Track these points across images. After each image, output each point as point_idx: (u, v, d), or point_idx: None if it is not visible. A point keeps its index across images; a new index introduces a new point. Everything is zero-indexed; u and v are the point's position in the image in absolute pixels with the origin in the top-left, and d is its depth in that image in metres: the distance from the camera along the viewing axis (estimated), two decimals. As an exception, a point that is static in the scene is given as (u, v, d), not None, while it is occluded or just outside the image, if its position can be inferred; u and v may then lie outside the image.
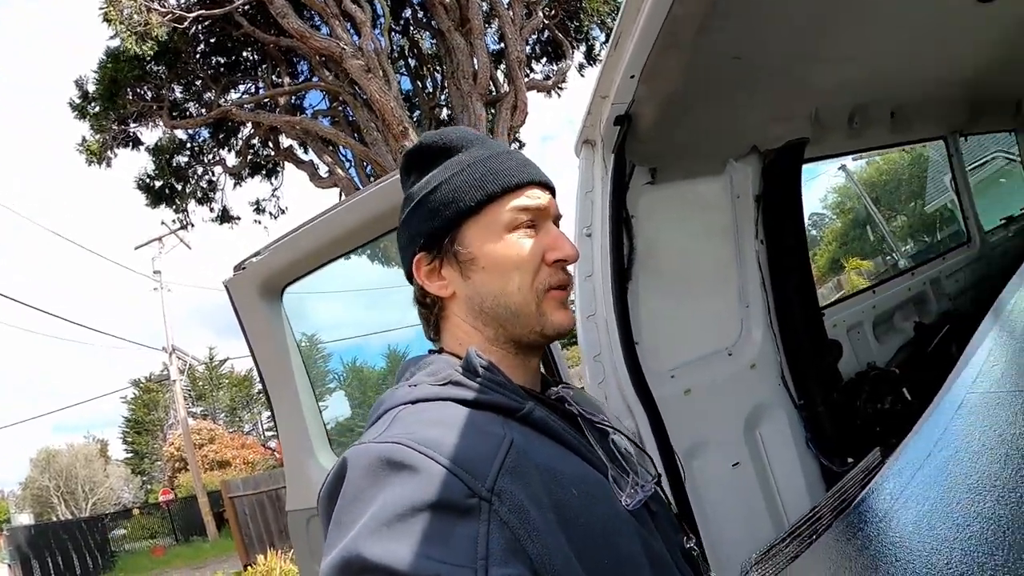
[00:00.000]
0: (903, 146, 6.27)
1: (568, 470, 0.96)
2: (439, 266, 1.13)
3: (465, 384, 1.00)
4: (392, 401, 1.00)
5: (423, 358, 1.12)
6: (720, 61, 2.44)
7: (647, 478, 1.11)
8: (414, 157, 1.21)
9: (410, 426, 0.90)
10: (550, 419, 1.03)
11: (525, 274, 1.09)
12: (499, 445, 0.90)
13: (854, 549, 1.81)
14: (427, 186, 1.14)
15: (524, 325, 1.10)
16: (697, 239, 2.96)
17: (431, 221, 1.12)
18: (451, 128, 1.25)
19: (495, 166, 1.12)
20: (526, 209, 1.11)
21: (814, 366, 3.09)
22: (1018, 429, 1.87)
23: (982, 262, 4.90)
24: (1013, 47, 3.99)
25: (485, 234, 1.10)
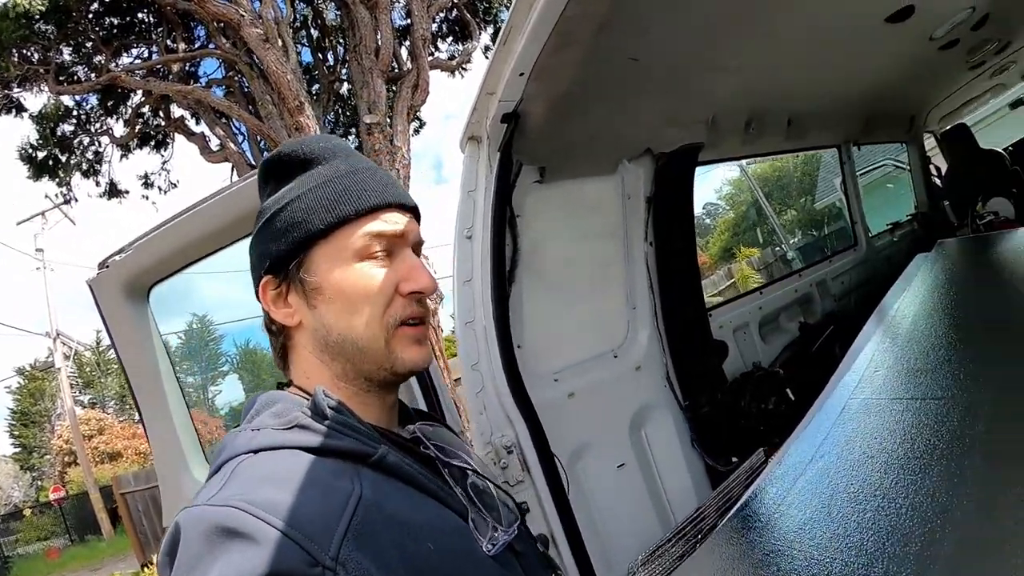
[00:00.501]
0: (797, 152, 6.47)
1: (424, 520, 0.91)
2: (285, 292, 1.04)
3: (311, 428, 0.92)
4: (232, 449, 0.91)
5: (270, 395, 1.03)
6: (616, 62, 2.38)
7: (511, 519, 1.05)
8: (271, 167, 1.11)
9: (247, 484, 0.83)
10: (404, 463, 0.95)
11: (375, 307, 1.01)
12: (345, 503, 0.83)
13: (738, 553, 1.81)
14: (278, 202, 1.04)
15: (373, 362, 1.02)
16: (585, 240, 2.91)
17: (277, 243, 1.03)
18: (316, 137, 1.15)
19: (350, 185, 1.04)
20: (380, 235, 1.03)
21: (700, 367, 3.11)
22: (898, 438, 1.91)
23: (867, 265, 5.11)
24: (912, 65, 4.16)
25: (333, 261, 1.02)
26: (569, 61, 2.17)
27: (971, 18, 3.74)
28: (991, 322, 2.62)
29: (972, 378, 2.16)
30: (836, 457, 2.01)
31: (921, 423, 1.97)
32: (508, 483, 2.26)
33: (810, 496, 1.89)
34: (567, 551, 2.26)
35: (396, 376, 1.05)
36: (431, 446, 1.04)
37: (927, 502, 1.60)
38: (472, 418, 2.32)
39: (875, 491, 1.74)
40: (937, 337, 2.56)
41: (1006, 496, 1.51)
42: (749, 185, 25.11)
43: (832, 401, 2.38)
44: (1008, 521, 1.42)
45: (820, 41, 3.20)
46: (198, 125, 12.77)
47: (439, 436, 1.10)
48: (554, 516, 2.26)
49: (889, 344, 2.69)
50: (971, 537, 1.43)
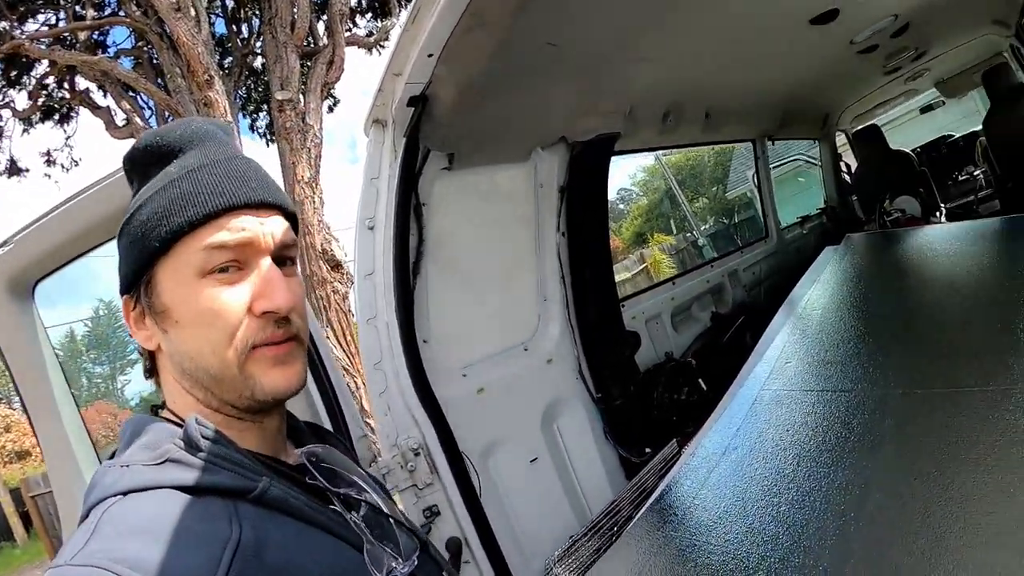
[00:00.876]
0: (714, 145, 6.61)
1: (311, 560, 0.83)
2: (142, 314, 0.92)
3: (184, 463, 0.81)
4: (100, 491, 0.80)
5: (139, 421, 0.91)
6: (533, 47, 2.29)
7: (411, 548, 0.98)
8: (129, 163, 0.98)
9: (114, 538, 0.73)
10: (290, 495, 0.85)
11: (220, 332, 0.88)
12: (221, 554, 0.74)
13: (655, 547, 1.79)
14: (128, 211, 0.93)
15: (231, 390, 0.90)
16: (495, 230, 2.83)
17: (125, 262, 0.92)
18: (179, 123, 0.98)
19: (188, 189, 0.89)
20: (222, 247, 0.88)
21: (612, 359, 3.08)
22: (810, 430, 1.93)
23: (777, 256, 5.24)
24: (831, 67, 4.26)
25: (175, 280, 0.89)
26: (482, 43, 2.08)
27: (892, 25, 3.87)
28: (897, 316, 2.68)
29: (881, 371, 2.20)
30: (749, 449, 2.02)
31: (832, 415, 1.99)
32: (417, 486, 2.18)
33: (724, 488, 1.90)
34: (481, 552, 2.20)
35: (259, 403, 0.91)
36: (319, 476, 0.94)
37: (840, 495, 1.63)
38: (376, 420, 2.22)
39: (789, 483, 1.75)
40: (846, 330, 2.60)
41: (917, 488, 1.53)
42: (663, 172, 25.64)
43: (744, 392, 2.40)
44: (919, 512, 1.44)
45: (743, 37, 3.21)
46: (104, 98, 12.14)
47: (331, 458, 1.00)
48: (466, 518, 2.20)
49: (799, 336, 2.72)
50: (884, 529, 1.45)
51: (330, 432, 1.20)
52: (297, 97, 9.46)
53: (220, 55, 11.46)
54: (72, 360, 27.75)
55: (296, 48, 9.83)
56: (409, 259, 2.31)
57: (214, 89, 8.79)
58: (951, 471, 1.53)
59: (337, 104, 14.01)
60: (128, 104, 11.20)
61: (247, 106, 13.05)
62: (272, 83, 9.63)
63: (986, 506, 1.38)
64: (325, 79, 10.22)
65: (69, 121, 13.42)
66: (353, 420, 2.14)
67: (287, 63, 9.61)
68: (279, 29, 9.79)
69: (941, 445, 1.63)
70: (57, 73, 12.09)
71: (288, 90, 9.33)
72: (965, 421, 1.69)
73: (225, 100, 8.99)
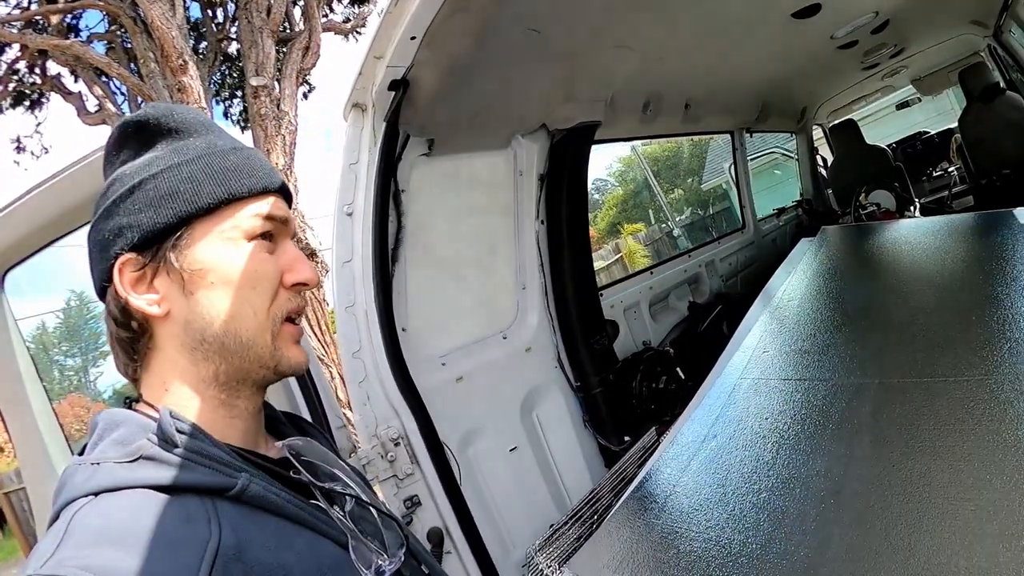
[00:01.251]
0: (693, 136, 6.66)
1: (295, 559, 0.79)
2: (151, 275, 0.87)
3: (159, 459, 0.77)
4: (70, 491, 0.76)
5: (112, 416, 0.85)
6: (515, 33, 2.28)
7: (396, 544, 0.95)
8: (130, 130, 0.94)
9: (84, 544, 0.69)
10: (271, 492, 0.82)
11: (263, 296, 0.89)
12: (200, 560, 0.70)
13: (636, 535, 1.79)
14: (147, 169, 0.88)
15: (255, 359, 0.90)
16: (474, 217, 2.81)
17: (151, 213, 0.86)
18: (183, 107, 0.98)
19: (240, 162, 0.92)
20: (271, 218, 0.93)
21: (590, 348, 3.08)
22: (788, 418, 1.94)
23: (753, 247, 5.28)
24: (810, 61, 4.29)
25: (220, 241, 0.89)
26: (465, 28, 2.06)
27: (872, 22, 3.90)
28: (873, 307, 2.71)
29: (857, 361, 2.23)
30: (728, 437, 2.03)
31: (811, 403, 2.01)
32: (397, 476, 2.16)
33: (705, 476, 1.91)
34: (463, 542, 2.19)
35: (278, 375, 0.93)
36: (302, 470, 0.91)
37: (820, 481, 1.64)
38: (355, 410, 2.19)
39: (769, 470, 1.76)
40: (823, 320, 2.62)
41: (895, 475, 1.54)
42: (639, 163, 25.69)
43: (723, 381, 2.41)
44: (897, 499, 1.46)
45: (725, 28, 3.22)
46: (76, 84, 11.91)
47: (312, 451, 0.97)
48: (447, 507, 2.18)
49: (776, 326, 2.73)
50: (864, 515, 1.46)
51: (310, 423, 1.17)
52: (272, 83, 9.33)
53: (195, 40, 11.25)
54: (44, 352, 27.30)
55: (272, 33, 9.70)
56: (388, 246, 2.29)
57: (188, 74, 8.64)
58: (928, 458, 1.55)
59: (312, 91, 13.89)
60: (100, 90, 10.99)
61: (221, 92, 12.87)
62: (247, 69, 9.49)
63: (962, 492, 1.40)
64: (301, 65, 10.09)
65: (40, 107, 13.15)
66: (331, 410, 2.11)
67: (262, 49, 9.48)
68: (255, 14, 9.66)
69: (918, 433, 1.65)
70: (28, 58, 11.84)
71: (263, 76, 9.21)
72: (941, 410, 1.71)
73: (199, 85, 8.84)
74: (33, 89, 12.84)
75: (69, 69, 11.55)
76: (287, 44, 10.39)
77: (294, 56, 10.04)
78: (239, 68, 11.84)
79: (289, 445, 0.95)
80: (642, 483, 2.05)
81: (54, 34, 10.79)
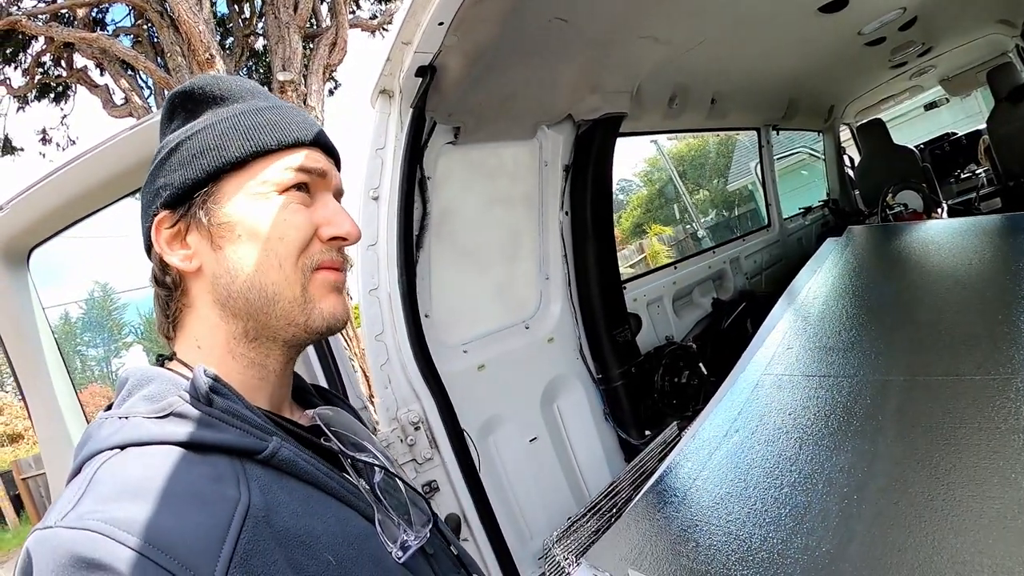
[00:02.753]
0: (718, 132, 6.61)
1: (323, 527, 0.77)
2: (184, 230, 0.88)
3: (189, 417, 0.76)
4: (95, 443, 0.75)
5: (144, 372, 0.85)
6: (542, 20, 2.27)
7: (422, 520, 0.93)
8: (180, 100, 0.95)
9: (109, 497, 0.67)
10: (300, 458, 0.81)
11: (290, 247, 0.88)
12: (230, 520, 0.68)
13: (655, 528, 1.78)
14: (185, 133, 0.89)
15: (283, 315, 0.88)
16: (499, 206, 2.80)
17: (181, 171, 0.88)
18: (231, 76, 1.00)
19: (272, 117, 0.92)
20: (304, 170, 0.91)
21: (613, 339, 3.06)
22: (812, 414, 1.92)
23: (778, 245, 5.22)
24: (838, 57, 4.25)
25: (247, 195, 0.88)
26: (493, 14, 2.05)
27: (900, 18, 3.84)
28: (899, 306, 2.67)
29: (882, 358, 2.19)
30: (751, 432, 2.01)
31: (834, 400, 1.98)
32: (416, 460, 2.16)
33: (726, 470, 1.89)
34: (480, 529, 2.18)
35: (309, 334, 0.91)
36: (333, 438, 0.91)
37: (843, 477, 1.62)
38: (377, 392, 2.19)
39: (791, 466, 1.74)
40: (847, 318, 2.59)
41: (919, 472, 1.52)
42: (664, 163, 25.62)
43: (746, 376, 2.39)
44: (921, 496, 1.43)
45: (752, 22, 3.19)
46: (102, 76, 12.03)
47: (341, 422, 0.96)
48: (465, 494, 2.18)
49: (801, 323, 2.71)
50: (887, 511, 1.44)
51: (336, 395, 1.16)
52: (299, 79, 9.38)
53: (221, 36, 11.36)
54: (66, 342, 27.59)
55: (298, 29, 9.75)
56: (413, 232, 2.29)
57: (215, 68, 8.70)
58: (953, 456, 1.52)
59: (338, 87, 13.94)
60: (127, 82, 11.10)
61: (248, 86, 12.95)
62: (274, 64, 9.53)
63: (987, 490, 1.38)
64: (327, 61, 10.13)
65: (65, 99, 13.31)
66: (353, 391, 2.11)
67: (289, 44, 9.53)
68: (282, 10, 9.70)
69: (943, 431, 1.63)
70: (54, 50, 11.98)
71: (290, 71, 9.25)
72: (966, 408, 1.68)
73: (226, 79, 8.92)
74: (59, 82, 13.00)
75: (95, 62, 11.68)
76: (314, 40, 10.44)
77: (321, 52, 10.07)
78: (266, 63, 11.92)
79: (319, 413, 0.94)
80: (662, 476, 2.03)
81: (80, 27, 10.91)
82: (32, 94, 12.92)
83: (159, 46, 10.29)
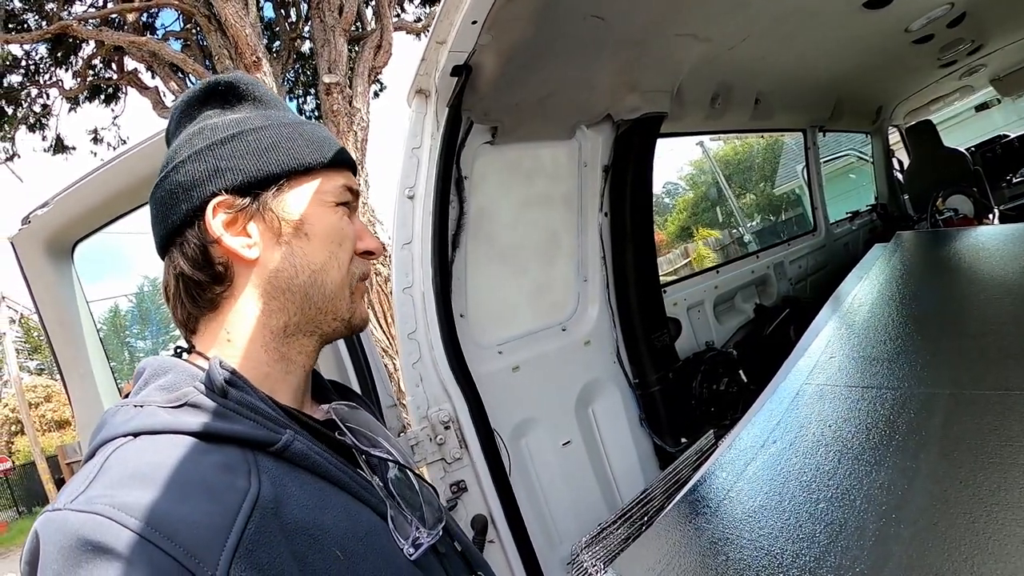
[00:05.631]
0: (763, 133, 6.51)
1: (333, 522, 0.78)
2: (245, 220, 0.90)
3: (203, 408, 0.77)
4: (109, 430, 0.76)
5: (161, 362, 0.86)
6: (578, 18, 2.24)
7: (435, 519, 0.93)
8: (221, 88, 0.99)
9: (118, 483, 0.68)
10: (313, 452, 0.81)
11: (346, 255, 0.97)
12: (238, 508, 0.70)
13: (686, 538, 1.75)
14: (242, 124, 0.92)
15: (333, 311, 0.95)
16: (537, 207, 2.78)
17: (253, 160, 0.90)
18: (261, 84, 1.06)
19: (328, 137, 1.01)
20: (352, 191, 1.00)
21: (650, 344, 3.02)
22: (853, 427, 1.88)
23: (824, 251, 5.12)
24: (885, 55, 4.15)
25: (315, 199, 0.95)
26: (526, 12, 2.04)
27: (948, 14, 3.74)
28: (947, 316, 2.60)
29: (928, 370, 2.13)
30: (789, 444, 1.97)
31: (877, 412, 1.93)
32: (445, 460, 2.15)
33: (761, 482, 1.85)
34: (507, 532, 2.16)
35: (349, 329, 0.99)
36: (347, 432, 0.91)
37: (882, 494, 1.57)
38: (408, 390, 2.19)
39: (828, 480, 1.70)
40: (893, 327, 2.52)
41: (962, 491, 1.46)
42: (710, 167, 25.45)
43: (786, 386, 2.34)
44: (963, 518, 1.37)
45: (794, 18, 3.12)
46: (152, 79, 12.33)
47: (357, 419, 0.98)
48: (493, 496, 2.16)
49: (845, 331, 2.65)
50: (926, 533, 1.39)
51: (355, 392, 1.17)
52: (344, 81, 9.49)
53: (268, 39, 11.56)
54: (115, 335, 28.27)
55: (344, 32, 9.88)
56: (448, 232, 2.29)
57: (262, 71, 8.85)
58: (998, 475, 1.46)
59: (383, 90, 14.09)
60: (176, 85, 11.38)
61: (295, 89, 13.19)
62: (320, 66, 9.68)
63: (1033, 513, 1.32)
64: (372, 63, 10.25)
65: (116, 100, 13.64)
66: (383, 388, 2.12)
67: (335, 47, 9.66)
68: (327, 13, 9.84)
69: (989, 448, 1.56)
70: (105, 54, 12.30)
71: (336, 73, 9.37)
72: (1014, 425, 1.61)
73: (273, 82, 9.06)
74: (109, 84, 13.33)
75: (145, 65, 11.99)
76: (359, 43, 10.57)
77: (366, 54, 10.20)
78: (312, 66, 12.15)
79: (334, 408, 0.96)
80: (696, 486, 2.00)
81: (130, 31, 11.18)
82: (83, 95, 13.29)
83: (207, 49, 10.51)
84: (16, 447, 31.41)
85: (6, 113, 12.91)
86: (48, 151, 13.71)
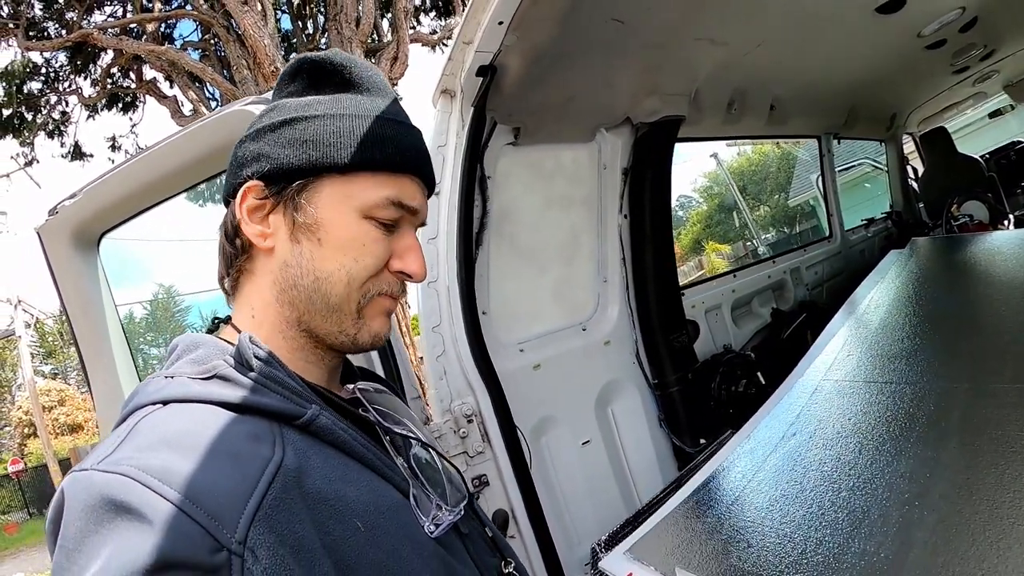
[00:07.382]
0: (778, 139, 6.53)
1: (355, 495, 0.79)
2: (270, 208, 0.91)
3: (232, 380, 0.79)
4: (141, 397, 0.78)
5: (193, 338, 0.89)
6: (600, 21, 2.27)
7: (457, 498, 0.94)
8: (306, 67, 0.98)
9: (145, 446, 0.70)
10: (338, 427, 0.83)
11: (363, 271, 0.91)
12: (260, 473, 0.71)
13: (705, 525, 1.76)
14: (305, 109, 0.91)
15: (335, 325, 0.92)
16: (558, 208, 2.81)
17: (289, 151, 0.89)
18: (364, 62, 1.01)
19: (389, 132, 0.93)
20: (395, 203, 0.92)
21: (670, 345, 3.03)
22: (872, 420, 1.88)
23: (840, 257, 5.11)
24: (898, 61, 4.16)
25: (339, 203, 0.90)
26: (552, 14, 2.07)
27: (960, 19, 3.74)
28: (963, 318, 2.60)
29: (946, 367, 2.15)
30: (808, 436, 1.98)
31: (896, 406, 1.94)
32: (468, 453, 2.17)
33: (782, 472, 1.86)
34: (528, 528, 2.17)
35: (355, 347, 0.94)
36: (371, 409, 0.93)
37: (904, 483, 1.58)
38: (431, 383, 2.21)
39: (850, 471, 1.71)
40: (910, 327, 2.53)
41: (984, 480, 1.47)
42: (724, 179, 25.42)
43: (804, 382, 2.36)
44: (985, 504, 1.39)
45: (808, 24, 3.14)
46: (171, 88, 12.45)
47: (382, 400, 0.99)
48: (515, 491, 2.18)
49: (862, 332, 2.66)
50: (950, 518, 1.40)
51: (381, 377, 1.18)
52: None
53: (285, 50, 11.64)
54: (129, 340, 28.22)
55: (360, 44, 9.96)
56: (472, 230, 2.31)
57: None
58: (1020, 462, 1.48)
59: (400, 100, 14.14)
60: (195, 94, 11.48)
61: (311, 100, 13.25)
62: (336, 78, 9.77)
63: (1055, 502, 1.33)
64: (389, 75, 10.33)
65: (134, 109, 13.77)
66: (408, 381, 2.13)
67: (352, 58, 9.74)
68: (344, 25, 9.93)
69: (1010, 437, 1.57)
70: (124, 62, 12.43)
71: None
72: (1033, 416, 1.63)
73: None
74: (127, 92, 13.46)
75: (164, 74, 12.10)
76: (375, 54, 10.65)
77: (382, 66, 10.30)
78: (329, 77, 12.19)
79: (359, 387, 0.97)
80: (714, 475, 2.01)
81: (149, 41, 11.30)
82: (102, 103, 13.42)
83: (225, 59, 10.62)
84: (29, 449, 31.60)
85: (26, 119, 13.04)
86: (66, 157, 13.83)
